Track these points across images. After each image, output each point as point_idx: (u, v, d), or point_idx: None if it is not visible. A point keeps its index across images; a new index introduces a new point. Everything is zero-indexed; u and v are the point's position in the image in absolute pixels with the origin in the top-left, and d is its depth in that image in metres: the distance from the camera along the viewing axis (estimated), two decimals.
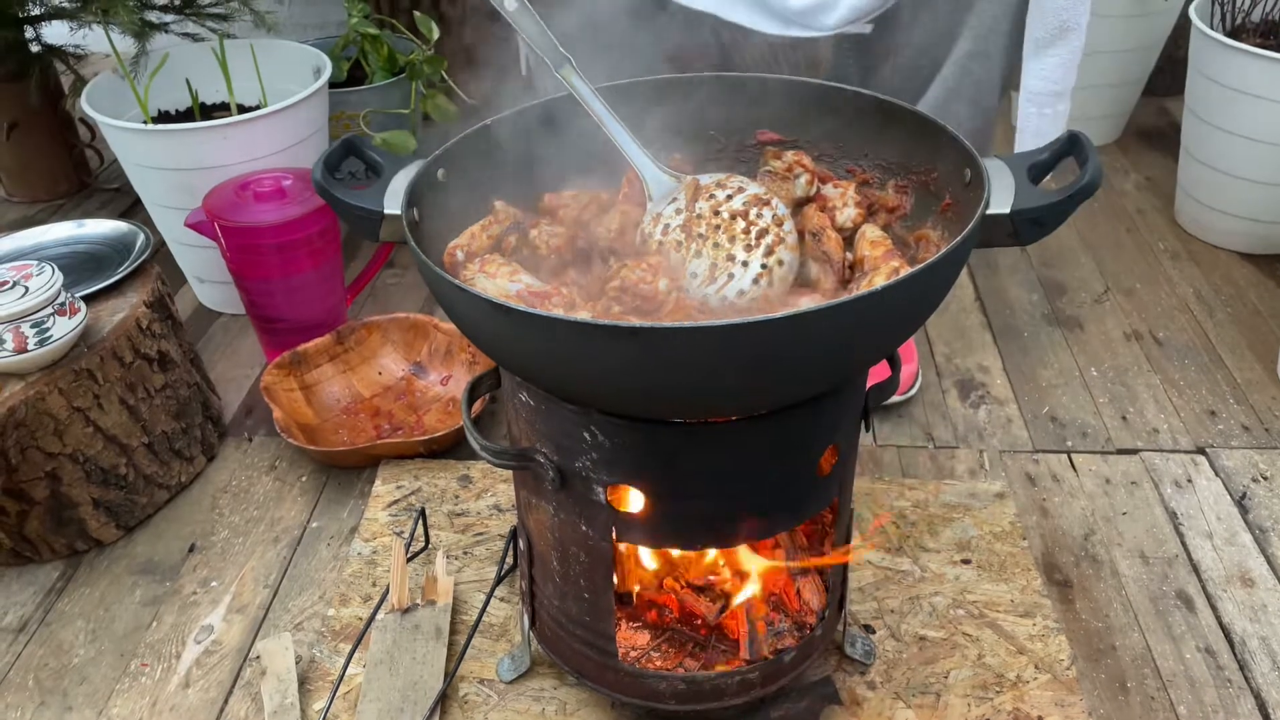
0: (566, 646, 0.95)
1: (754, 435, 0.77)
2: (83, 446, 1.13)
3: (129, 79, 1.51)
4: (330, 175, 0.81)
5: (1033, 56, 1.21)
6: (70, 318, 1.08)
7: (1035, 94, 1.23)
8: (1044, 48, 1.21)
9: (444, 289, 0.70)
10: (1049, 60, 1.22)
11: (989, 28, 1.21)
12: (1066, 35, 1.19)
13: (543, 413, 0.80)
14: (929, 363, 1.49)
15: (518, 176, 0.90)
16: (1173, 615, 1.11)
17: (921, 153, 0.84)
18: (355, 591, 1.13)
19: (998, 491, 1.24)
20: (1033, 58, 1.22)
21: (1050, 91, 1.23)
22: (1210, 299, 1.62)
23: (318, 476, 1.32)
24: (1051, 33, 1.19)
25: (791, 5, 1.22)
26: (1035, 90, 1.23)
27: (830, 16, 1.23)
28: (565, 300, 0.79)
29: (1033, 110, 1.24)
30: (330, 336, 1.44)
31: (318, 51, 1.66)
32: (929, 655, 1.05)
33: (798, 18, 1.23)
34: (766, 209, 0.82)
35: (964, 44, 1.23)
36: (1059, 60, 1.22)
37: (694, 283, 0.80)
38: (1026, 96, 1.23)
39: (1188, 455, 1.32)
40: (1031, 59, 1.22)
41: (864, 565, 1.15)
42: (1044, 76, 1.22)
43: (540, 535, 0.90)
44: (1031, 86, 1.23)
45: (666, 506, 0.81)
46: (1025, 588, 1.12)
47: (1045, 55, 1.21)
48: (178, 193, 1.49)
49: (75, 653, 1.10)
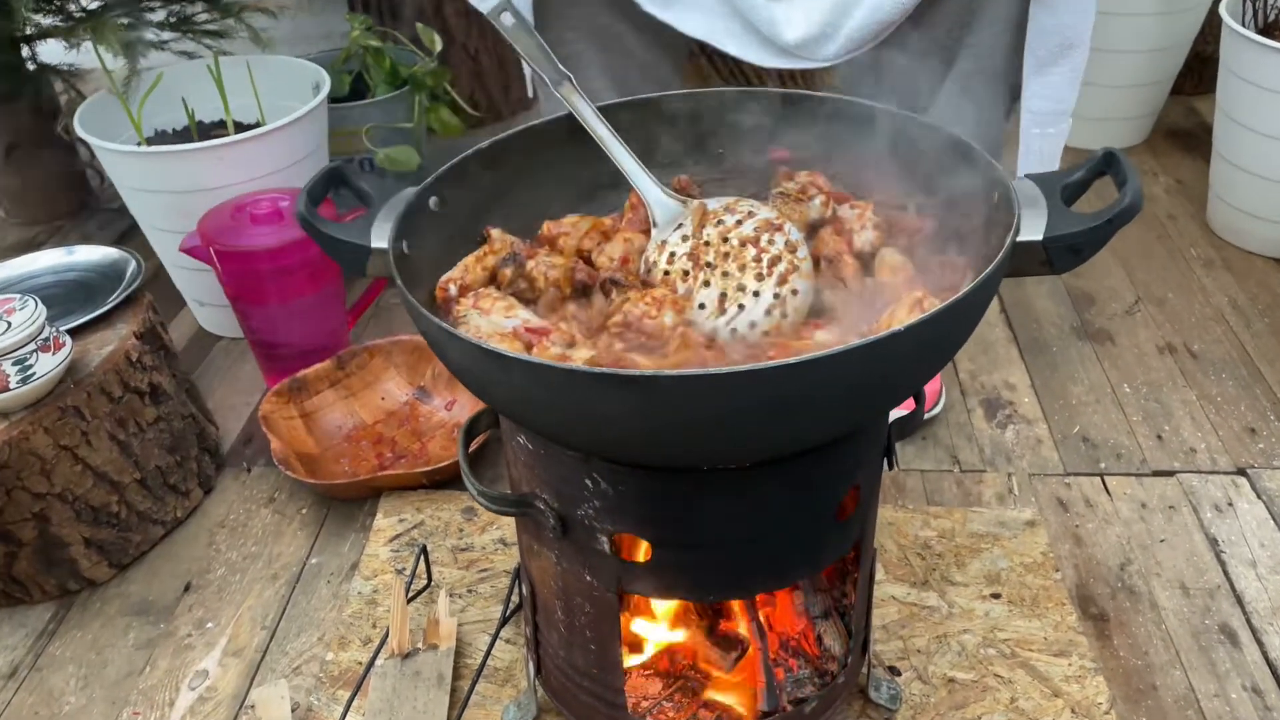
0: (573, 697, 0.90)
1: (768, 482, 0.72)
2: (71, 485, 1.09)
3: (121, 99, 1.47)
4: (313, 207, 0.76)
5: (1035, 75, 1.16)
6: (54, 353, 1.04)
7: (1038, 114, 1.18)
8: (1047, 66, 1.15)
9: (430, 331, 0.65)
10: (1052, 78, 1.16)
11: (990, 45, 1.15)
12: (1069, 52, 1.14)
13: (542, 458, 0.75)
14: (953, 380, 1.43)
15: (515, 203, 0.85)
16: (1216, 651, 1.05)
17: (945, 172, 0.79)
18: (355, 634, 1.09)
19: (1028, 519, 1.18)
20: (1035, 76, 1.16)
21: (1054, 111, 1.18)
22: (1247, 308, 1.55)
23: (318, 509, 1.27)
24: (1054, 51, 1.13)
25: (787, 38, 1.17)
26: (1038, 110, 1.18)
27: (829, 48, 1.17)
28: (564, 337, 0.74)
29: (1036, 131, 1.19)
30: (331, 362, 1.39)
31: (316, 67, 1.61)
32: (959, 699, 0.99)
33: (795, 49, 1.18)
34: (779, 235, 0.77)
35: (964, 63, 1.17)
36: (1062, 78, 1.16)
37: (702, 315, 0.75)
38: (1029, 117, 1.18)
39: (1228, 476, 1.25)
40: (1034, 78, 1.16)
41: (888, 601, 1.09)
42: (1047, 96, 1.17)
43: (543, 583, 0.85)
44: (1034, 106, 1.18)
45: (675, 557, 0.76)
46: (1059, 624, 1.06)
47: (1048, 73, 1.16)
48: (174, 215, 1.45)
49: (66, 700, 1.06)
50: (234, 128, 1.56)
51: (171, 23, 1.62)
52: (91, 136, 1.43)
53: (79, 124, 1.47)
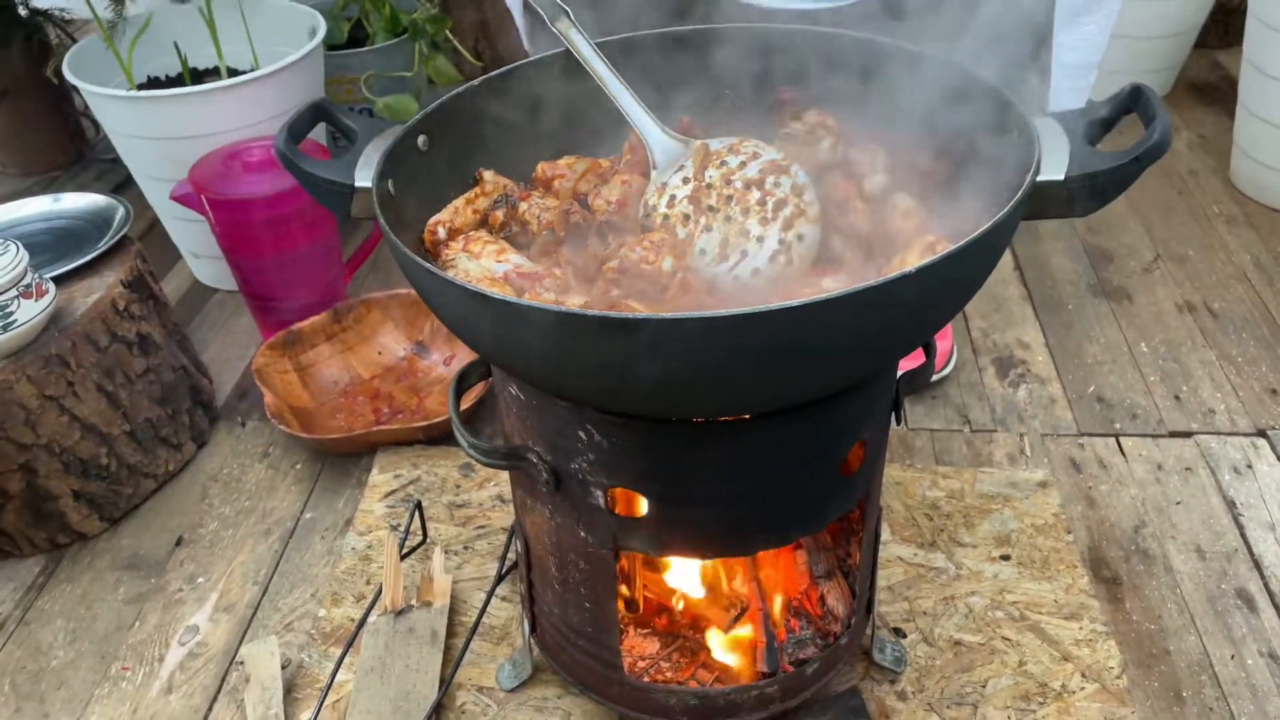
0: (569, 656, 0.88)
1: (771, 435, 0.68)
2: (58, 437, 1.07)
3: (110, 43, 1.43)
4: (294, 143, 0.73)
5: (1065, 26, 1.11)
6: (37, 300, 1.01)
7: (1069, 66, 1.14)
8: (1079, 15, 1.10)
9: (416, 274, 0.62)
10: (1086, 29, 1.12)
11: None
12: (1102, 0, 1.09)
13: (534, 408, 0.72)
14: (964, 338, 1.39)
15: (509, 143, 0.82)
16: (1232, 616, 1.02)
17: (961, 111, 0.74)
18: (348, 590, 1.06)
19: (1040, 480, 1.15)
20: (1065, 28, 1.11)
21: (1085, 63, 1.14)
22: (1269, 266, 1.50)
23: (313, 464, 1.25)
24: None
25: None
26: (1068, 63, 1.14)
27: None
28: (557, 283, 0.71)
29: (1066, 84, 1.15)
30: (327, 315, 1.36)
31: (312, 11, 1.56)
32: (965, 662, 0.96)
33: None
34: (785, 177, 0.73)
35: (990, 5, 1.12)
36: (1096, 27, 1.12)
37: (703, 261, 0.71)
38: (1060, 70, 1.14)
39: (1247, 438, 1.22)
40: (1064, 29, 1.11)
41: (894, 562, 1.06)
42: (1077, 48, 1.13)
43: (538, 539, 0.82)
44: (1064, 59, 1.13)
45: (673, 512, 0.73)
46: (1070, 586, 1.03)
47: (1080, 24, 1.11)
48: (167, 163, 1.41)
49: (54, 654, 1.04)
50: (227, 73, 1.51)
51: None
52: (81, 81, 1.39)
53: (68, 69, 1.43)
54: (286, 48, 1.49)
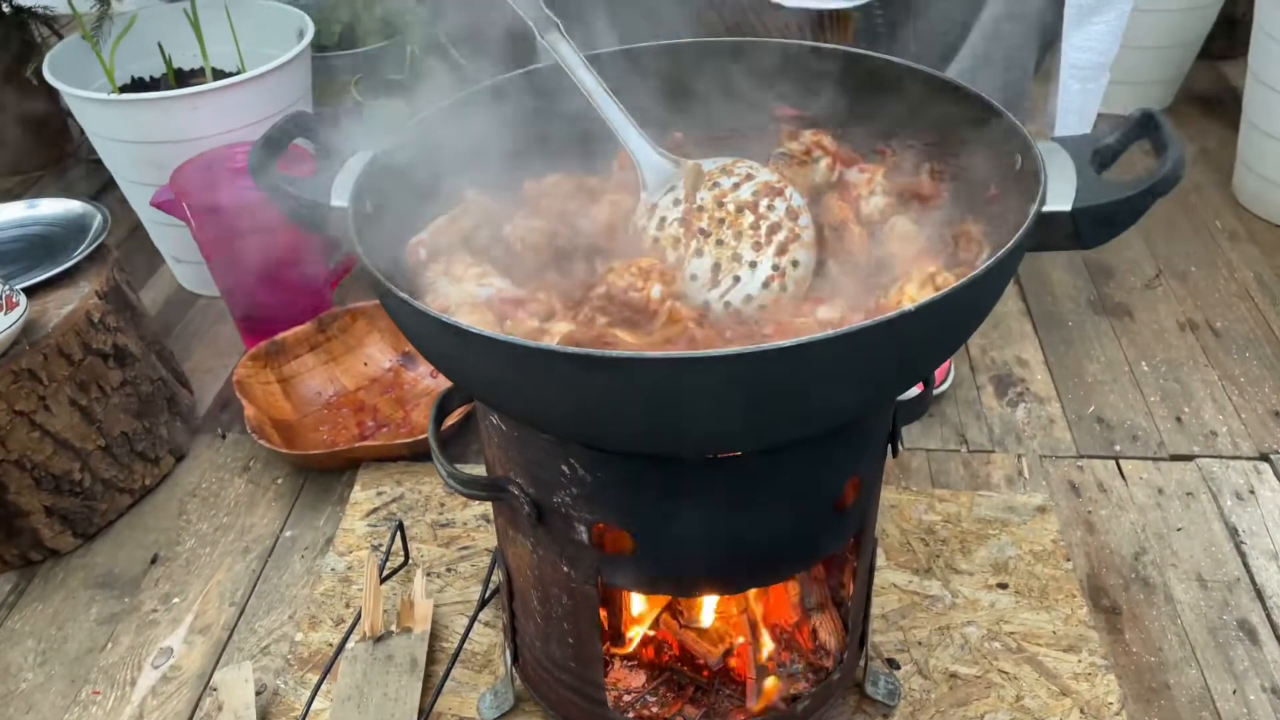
0: (551, 689, 0.85)
1: (762, 471, 0.65)
2: (29, 452, 1.04)
3: (92, 44, 1.40)
4: (269, 157, 0.70)
5: (1076, 25, 1.08)
6: (6, 313, 0.98)
7: (1079, 67, 1.10)
8: (1090, 14, 1.07)
9: (387, 299, 0.59)
10: (1095, 28, 1.08)
11: None
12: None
13: (515, 440, 0.69)
14: (962, 356, 1.37)
15: (494, 159, 0.78)
16: (1234, 649, 0.99)
17: (964, 133, 0.72)
18: (326, 613, 1.03)
19: (1039, 504, 1.12)
20: (1076, 27, 1.08)
21: (1095, 64, 1.10)
22: (1273, 284, 1.48)
23: (294, 479, 1.22)
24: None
25: None
26: (1079, 63, 1.10)
27: None
28: (542, 308, 0.68)
29: (1076, 86, 1.11)
30: (312, 324, 1.33)
31: (300, 12, 1.53)
32: (961, 696, 0.93)
33: None
34: (779, 200, 0.70)
35: (995, 5, 1.09)
36: (1107, 27, 1.09)
37: (694, 286, 0.68)
38: (1069, 71, 1.10)
39: (1250, 462, 1.19)
40: (1075, 28, 1.08)
41: (889, 589, 1.03)
42: (1088, 47, 1.09)
43: (520, 571, 0.79)
44: (1075, 59, 1.10)
45: (659, 550, 0.70)
46: (1069, 617, 1.00)
47: (1091, 23, 1.08)
48: (149, 168, 1.38)
49: (23, 677, 1.01)
50: (212, 75, 1.48)
51: None
52: (61, 83, 1.36)
53: (48, 69, 1.39)
54: (274, 49, 1.46)
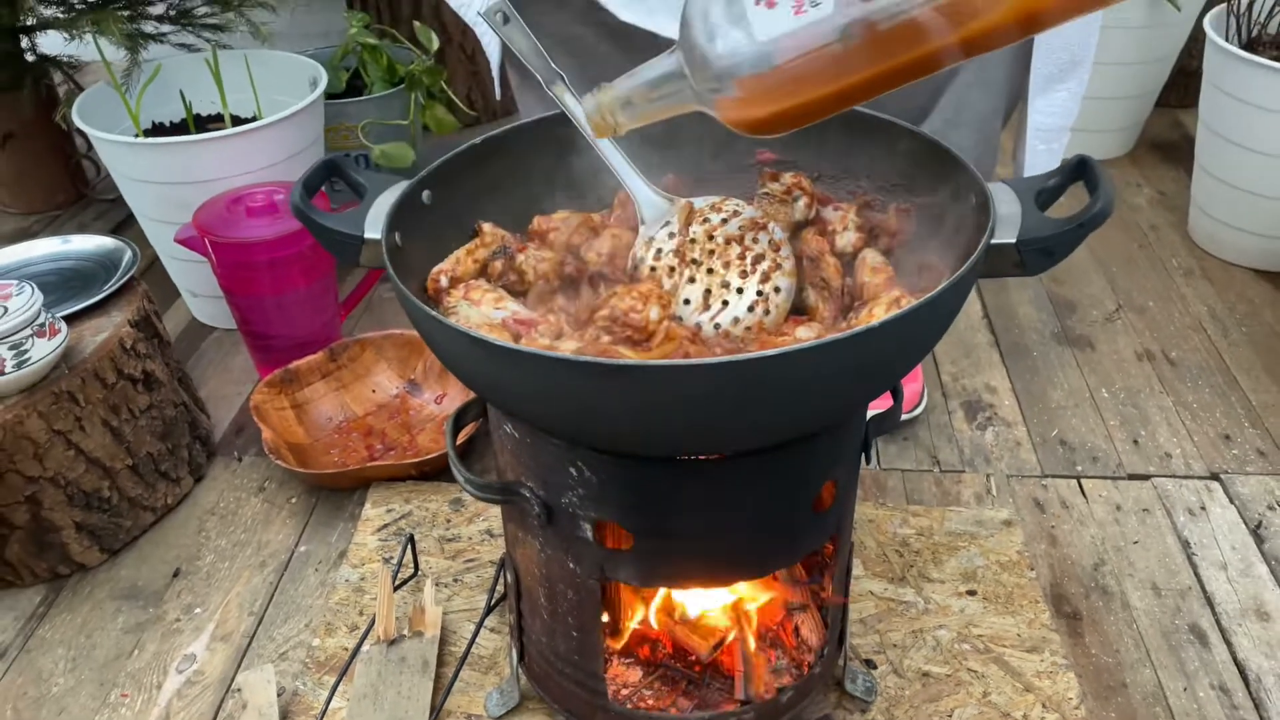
0: (555, 684, 0.92)
1: (747, 472, 0.74)
2: (64, 470, 1.11)
3: (119, 91, 1.49)
4: (309, 197, 0.78)
5: (1040, 93, 1.18)
6: (50, 339, 1.05)
7: (1043, 129, 1.20)
8: (1052, 83, 1.17)
9: (422, 320, 0.67)
10: (1058, 94, 1.18)
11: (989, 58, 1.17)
12: (1075, 69, 1.16)
13: (528, 446, 0.77)
14: (935, 382, 1.46)
15: (506, 197, 0.87)
16: (1186, 651, 1.07)
17: (926, 176, 0.81)
18: (342, 620, 1.10)
19: (1005, 519, 1.20)
20: (1040, 94, 1.18)
21: (1058, 126, 1.20)
22: (1224, 317, 1.58)
23: (307, 498, 1.29)
24: (1061, 68, 1.15)
25: None
26: (1043, 126, 1.20)
27: None
28: (552, 329, 0.76)
29: (1041, 147, 1.21)
30: (323, 354, 1.41)
31: (314, 63, 1.63)
32: (933, 692, 1.01)
33: None
34: (763, 234, 0.79)
35: (964, 74, 1.19)
36: (1068, 94, 1.18)
37: (687, 309, 0.77)
38: (1034, 133, 1.20)
39: (1201, 481, 1.28)
40: (1039, 95, 1.18)
41: (866, 596, 1.11)
42: (1052, 112, 1.19)
43: (527, 570, 0.87)
44: (1039, 123, 1.19)
45: (655, 544, 0.78)
46: (1033, 621, 1.08)
47: (1053, 91, 1.18)
48: (170, 206, 1.46)
49: (55, 681, 1.07)
50: (231, 121, 1.57)
51: (171, 16, 1.64)
52: (90, 127, 1.45)
53: (77, 114, 1.48)
54: (288, 97, 1.55)
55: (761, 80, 0.64)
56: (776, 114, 0.66)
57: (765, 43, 0.63)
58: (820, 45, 0.62)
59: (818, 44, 0.62)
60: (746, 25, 0.64)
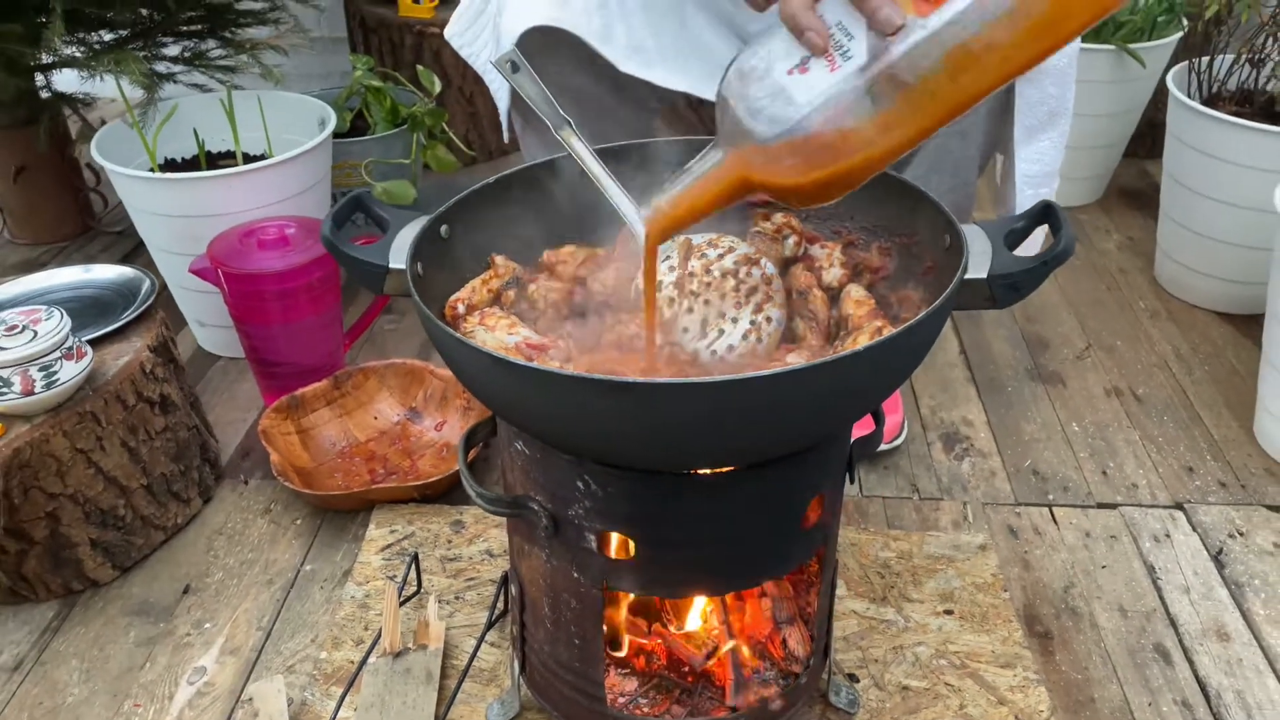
0: (556, 692, 0.97)
1: (741, 486, 0.80)
2: (83, 487, 1.15)
3: (137, 128, 1.55)
4: (338, 229, 0.85)
5: (1025, 143, 1.24)
6: (77, 361, 1.11)
7: (1030, 177, 1.26)
8: (1035, 134, 1.23)
9: (446, 342, 0.74)
10: (1041, 144, 1.24)
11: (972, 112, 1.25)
12: (1056, 119, 1.23)
13: (538, 462, 0.83)
14: (914, 415, 1.52)
15: (518, 232, 0.94)
16: (1150, 668, 1.13)
17: (905, 218, 0.88)
18: (348, 635, 1.15)
19: (980, 544, 1.27)
20: (1025, 144, 1.24)
21: (1045, 172, 1.26)
22: (1189, 357, 1.66)
23: (312, 520, 1.34)
24: (1042, 120, 1.22)
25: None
26: (1030, 174, 1.25)
27: None
28: (561, 352, 0.82)
29: (1030, 192, 1.26)
30: (328, 381, 1.46)
31: (323, 104, 1.70)
32: (912, 705, 1.07)
33: None
34: (756, 268, 0.86)
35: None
36: (1050, 143, 1.24)
37: (686, 337, 0.83)
38: (1023, 180, 1.25)
39: (1166, 510, 1.35)
40: (1024, 145, 1.24)
41: (849, 615, 1.17)
42: (1037, 160, 1.25)
43: (532, 581, 0.92)
44: (1026, 170, 1.25)
45: (654, 554, 0.83)
46: (1006, 639, 1.14)
47: (1037, 140, 1.24)
48: (182, 239, 1.52)
49: (69, 692, 1.11)
50: (242, 159, 1.64)
51: (186, 57, 1.71)
52: (107, 162, 1.51)
53: (95, 150, 1.55)
54: (297, 135, 1.62)
55: (808, 142, 0.69)
56: (829, 176, 0.71)
57: (806, 104, 0.68)
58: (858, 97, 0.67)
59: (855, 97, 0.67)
60: (785, 95, 0.69)
